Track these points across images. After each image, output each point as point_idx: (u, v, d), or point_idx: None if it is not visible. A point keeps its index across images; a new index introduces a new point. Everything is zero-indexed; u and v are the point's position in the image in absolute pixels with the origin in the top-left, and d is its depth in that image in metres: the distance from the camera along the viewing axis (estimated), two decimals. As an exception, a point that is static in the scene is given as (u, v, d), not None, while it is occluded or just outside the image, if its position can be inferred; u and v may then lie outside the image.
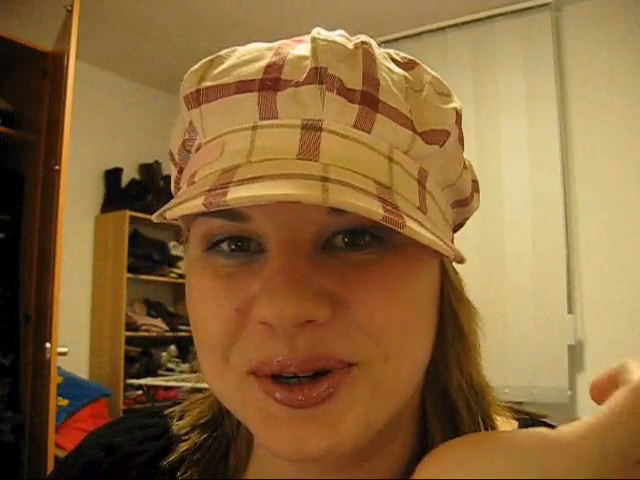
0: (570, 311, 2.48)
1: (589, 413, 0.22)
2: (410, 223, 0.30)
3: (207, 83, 0.37)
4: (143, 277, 3.42)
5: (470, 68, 2.82)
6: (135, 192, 3.47)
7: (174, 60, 3.10)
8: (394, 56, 0.39)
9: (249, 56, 0.37)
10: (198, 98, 0.37)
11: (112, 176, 3.50)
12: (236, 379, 0.34)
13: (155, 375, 3.28)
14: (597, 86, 2.57)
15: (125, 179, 3.53)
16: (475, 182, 0.42)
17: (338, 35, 0.37)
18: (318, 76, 0.34)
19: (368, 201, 0.30)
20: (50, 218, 2.08)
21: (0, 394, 2.19)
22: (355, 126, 0.34)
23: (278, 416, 0.33)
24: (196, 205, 0.31)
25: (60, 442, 2.26)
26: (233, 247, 0.35)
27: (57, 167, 2.07)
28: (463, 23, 2.85)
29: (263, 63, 0.36)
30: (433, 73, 0.39)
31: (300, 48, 0.36)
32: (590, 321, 2.47)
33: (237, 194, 0.30)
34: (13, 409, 2.19)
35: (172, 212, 0.32)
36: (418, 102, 0.37)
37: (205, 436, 0.44)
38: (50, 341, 1.98)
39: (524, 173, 2.65)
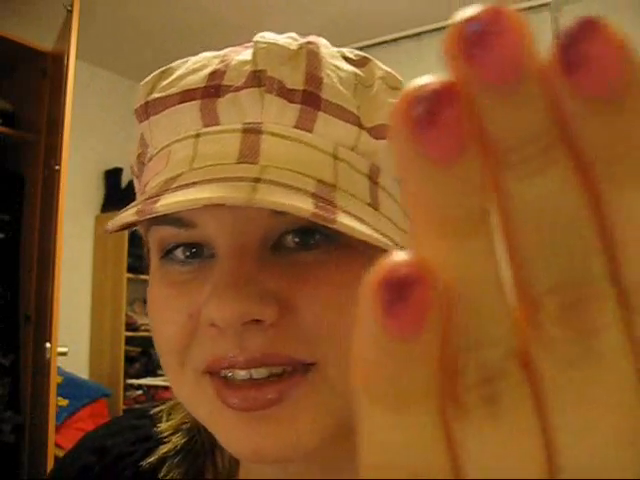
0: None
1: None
2: (344, 219, 0.30)
3: (154, 95, 0.38)
4: (143, 277, 3.42)
5: (470, 68, 2.82)
6: (135, 192, 3.46)
7: (174, 60, 3.10)
8: (347, 54, 0.39)
9: (196, 65, 0.37)
10: (147, 110, 0.38)
11: (112, 176, 3.50)
12: (192, 382, 0.35)
13: (155, 375, 3.28)
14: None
15: (125, 179, 3.53)
16: None
17: (285, 37, 0.37)
18: (257, 79, 0.35)
19: (299, 199, 0.30)
20: (50, 218, 2.08)
21: (0, 394, 2.19)
22: (296, 126, 0.34)
23: (231, 420, 0.33)
24: (130, 214, 0.32)
25: (60, 442, 2.26)
26: (187, 254, 0.35)
27: (57, 167, 2.07)
28: (463, 23, 2.85)
29: (207, 71, 0.36)
30: (386, 68, 0.39)
31: (245, 53, 0.37)
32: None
33: (166, 201, 0.30)
34: (13, 409, 2.19)
35: (111, 224, 0.34)
36: (368, 98, 0.36)
37: (187, 439, 0.44)
38: (50, 341, 1.98)
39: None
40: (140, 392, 3.23)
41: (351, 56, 0.39)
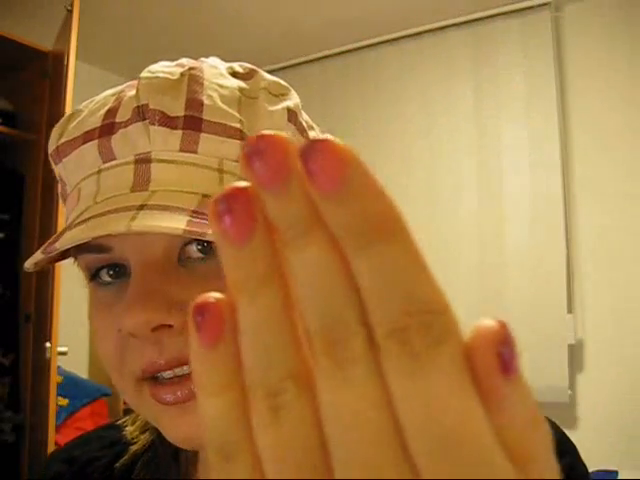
0: (570, 311, 2.48)
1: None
2: None
3: (63, 139, 0.42)
4: (143, 277, 3.42)
5: (470, 68, 2.82)
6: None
7: (174, 60, 3.09)
8: (236, 69, 0.43)
9: (97, 105, 0.42)
10: (58, 154, 0.43)
11: (112, 176, 3.50)
12: (133, 389, 0.39)
13: (155, 375, 3.28)
14: (597, 86, 2.57)
15: (125, 179, 3.54)
16: None
17: (172, 66, 0.42)
18: (141, 113, 0.39)
19: (175, 218, 0.34)
20: (50, 218, 2.08)
21: (0, 394, 2.18)
22: (181, 150, 0.38)
23: (165, 414, 0.37)
24: (39, 254, 0.37)
25: (60, 442, 2.26)
26: (111, 273, 0.39)
27: (57, 167, 2.06)
28: (463, 23, 2.85)
29: (104, 111, 0.41)
30: (270, 78, 0.43)
31: (135, 89, 0.41)
32: (590, 321, 2.47)
33: (62, 239, 0.35)
34: (13, 409, 2.19)
35: (27, 263, 0.38)
36: (253, 109, 0.40)
37: (153, 437, 0.48)
38: (50, 341, 1.98)
39: (524, 173, 2.64)
40: (140, 392, 3.23)
41: (240, 70, 0.43)
